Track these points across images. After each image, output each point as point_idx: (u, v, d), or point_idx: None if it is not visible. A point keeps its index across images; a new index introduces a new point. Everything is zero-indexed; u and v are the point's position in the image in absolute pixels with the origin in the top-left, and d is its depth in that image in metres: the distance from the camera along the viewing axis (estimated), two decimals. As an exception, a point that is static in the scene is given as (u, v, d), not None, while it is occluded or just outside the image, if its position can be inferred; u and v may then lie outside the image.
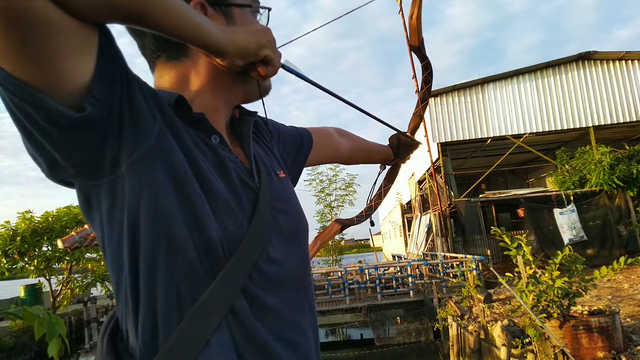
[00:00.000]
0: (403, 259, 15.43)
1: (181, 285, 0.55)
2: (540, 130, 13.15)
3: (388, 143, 1.16)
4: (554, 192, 11.85)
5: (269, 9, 0.76)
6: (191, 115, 0.63)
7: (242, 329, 0.58)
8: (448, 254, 11.04)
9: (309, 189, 20.27)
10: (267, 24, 0.74)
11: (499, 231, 4.27)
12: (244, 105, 0.79)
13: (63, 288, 12.31)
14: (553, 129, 13.11)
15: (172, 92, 0.63)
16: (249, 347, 0.58)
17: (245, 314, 0.59)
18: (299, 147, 0.95)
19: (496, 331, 5.11)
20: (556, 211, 11.10)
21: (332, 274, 10.37)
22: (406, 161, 1.20)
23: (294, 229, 0.72)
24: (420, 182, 17.26)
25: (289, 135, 0.94)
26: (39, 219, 10.81)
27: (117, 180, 0.54)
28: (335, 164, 17.42)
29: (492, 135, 13.21)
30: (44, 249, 10.94)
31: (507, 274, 4.47)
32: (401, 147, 1.15)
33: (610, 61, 13.09)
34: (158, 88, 0.67)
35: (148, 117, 0.55)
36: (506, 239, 4.25)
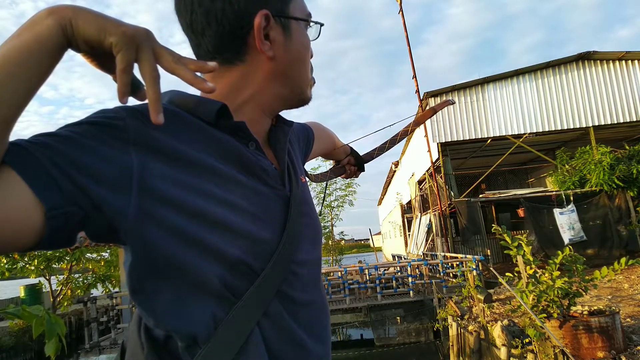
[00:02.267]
0: (403, 259, 15.43)
1: (213, 307, 0.59)
2: (540, 130, 13.15)
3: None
4: (554, 192, 11.85)
5: (322, 25, 0.76)
6: (232, 124, 0.65)
7: (276, 329, 0.63)
8: (448, 254, 11.04)
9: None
10: (316, 38, 0.76)
11: (500, 229, 4.26)
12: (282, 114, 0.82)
13: (63, 288, 12.30)
14: (553, 129, 13.11)
15: (215, 101, 0.64)
16: (285, 344, 0.64)
17: (279, 315, 0.64)
18: (306, 145, 0.98)
19: (496, 331, 5.10)
20: (556, 211, 11.10)
21: (332, 274, 10.36)
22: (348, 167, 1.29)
23: (314, 231, 0.76)
24: (420, 182, 17.26)
25: (300, 132, 0.96)
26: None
27: (126, 243, 0.57)
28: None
29: (492, 135, 13.21)
30: (44, 248, 10.94)
31: (507, 274, 4.47)
32: (354, 155, 1.28)
33: (610, 61, 13.08)
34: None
35: (116, 200, 0.53)
36: (507, 238, 4.25)
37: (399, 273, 10.50)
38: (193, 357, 0.58)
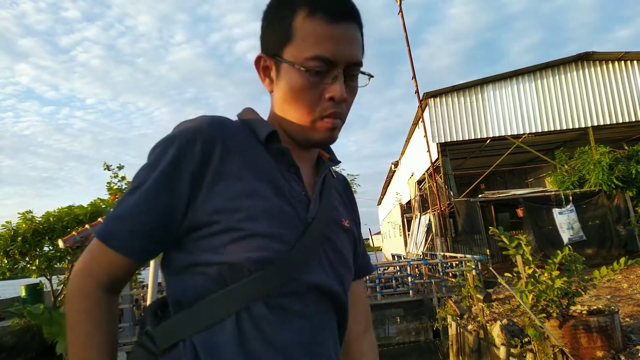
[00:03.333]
0: (403, 258, 15.45)
1: (208, 283, 0.69)
2: (540, 130, 13.18)
3: None
4: (553, 192, 11.87)
5: (370, 76, 0.80)
6: (277, 147, 0.76)
7: (258, 330, 0.68)
8: (447, 254, 11.07)
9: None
10: (366, 85, 0.80)
11: (497, 231, 4.28)
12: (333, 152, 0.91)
13: (64, 287, 12.30)
14: (552, 129, 13.14)
15: (268, 126, 0.77)
16: (263, 346, 0.68)
17: (264, 318, 0.69)
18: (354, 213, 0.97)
19: (495, 331, 5.13)
20: (555, 211, 11.12)
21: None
22: None
23: (337, 265, 0.80)
24: (419, 182, 17.28)
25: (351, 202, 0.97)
26: (40, 219, 10.80)
27: None
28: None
29: (491, 136, 13.24)
30: (45, 248, 10.91)
31: (506, 273, 4.49)
32: None
33: (610, 61, 13.12)
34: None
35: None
36: (504, 239, 4.27)
37: (398, 272, 10.53)
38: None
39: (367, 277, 10.17)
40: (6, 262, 10.51)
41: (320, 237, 0.76)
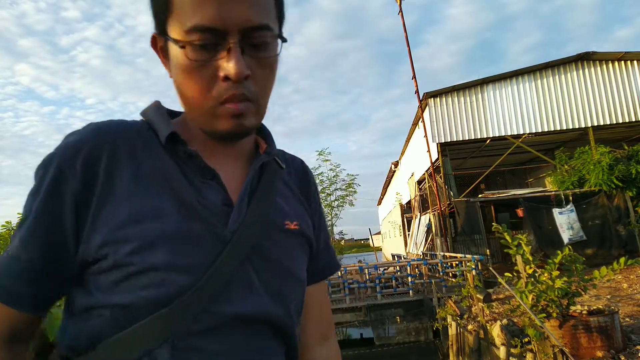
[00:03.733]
0: (403, 258, 15.45)
1: (93, 334, 0.58)
2: (540, 130, 13.19)
3: None
4: (553, 192, 11.88)
5: (284, 40, 0.63)
6: (184, 150, 0.63)
7: None
8: (447, 254, 11.07)
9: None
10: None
11: (500, 228, 4.28)
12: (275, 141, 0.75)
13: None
14: (552, 129, 13.15)
15: (169, 126, 0.63)
16: None
17: None
18: (307, 202, 0.80)
19: (495, 331, 5.13)
20: (555, 211, 11.13)
21: (332, 273, 10.36)
22: None
23: (275, 282, 0.66)
24: (419, 182, 17.28)
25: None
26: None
27: None
28: (336, 164, 17.44)
29: (491, 136, 13.24)
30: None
31: (506, 273, 4.49)
32: None
33: (610, 62, 13.12)
34: None
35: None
36: (507, 237, 4.27)
37: (398, 272, 10.54)
38: None
39: (367, 277, 10.19)
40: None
41: (246, 253, 0.62)
